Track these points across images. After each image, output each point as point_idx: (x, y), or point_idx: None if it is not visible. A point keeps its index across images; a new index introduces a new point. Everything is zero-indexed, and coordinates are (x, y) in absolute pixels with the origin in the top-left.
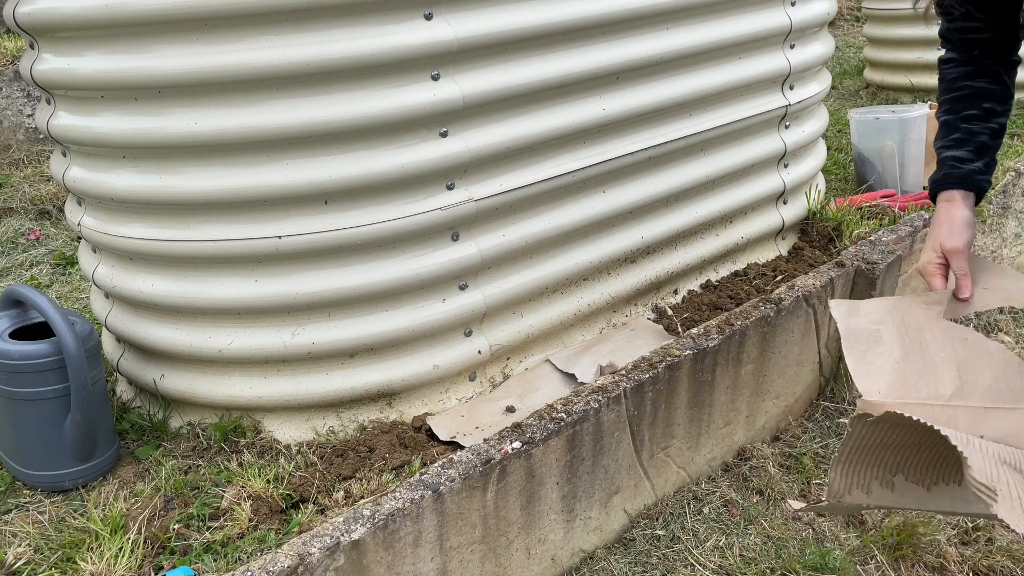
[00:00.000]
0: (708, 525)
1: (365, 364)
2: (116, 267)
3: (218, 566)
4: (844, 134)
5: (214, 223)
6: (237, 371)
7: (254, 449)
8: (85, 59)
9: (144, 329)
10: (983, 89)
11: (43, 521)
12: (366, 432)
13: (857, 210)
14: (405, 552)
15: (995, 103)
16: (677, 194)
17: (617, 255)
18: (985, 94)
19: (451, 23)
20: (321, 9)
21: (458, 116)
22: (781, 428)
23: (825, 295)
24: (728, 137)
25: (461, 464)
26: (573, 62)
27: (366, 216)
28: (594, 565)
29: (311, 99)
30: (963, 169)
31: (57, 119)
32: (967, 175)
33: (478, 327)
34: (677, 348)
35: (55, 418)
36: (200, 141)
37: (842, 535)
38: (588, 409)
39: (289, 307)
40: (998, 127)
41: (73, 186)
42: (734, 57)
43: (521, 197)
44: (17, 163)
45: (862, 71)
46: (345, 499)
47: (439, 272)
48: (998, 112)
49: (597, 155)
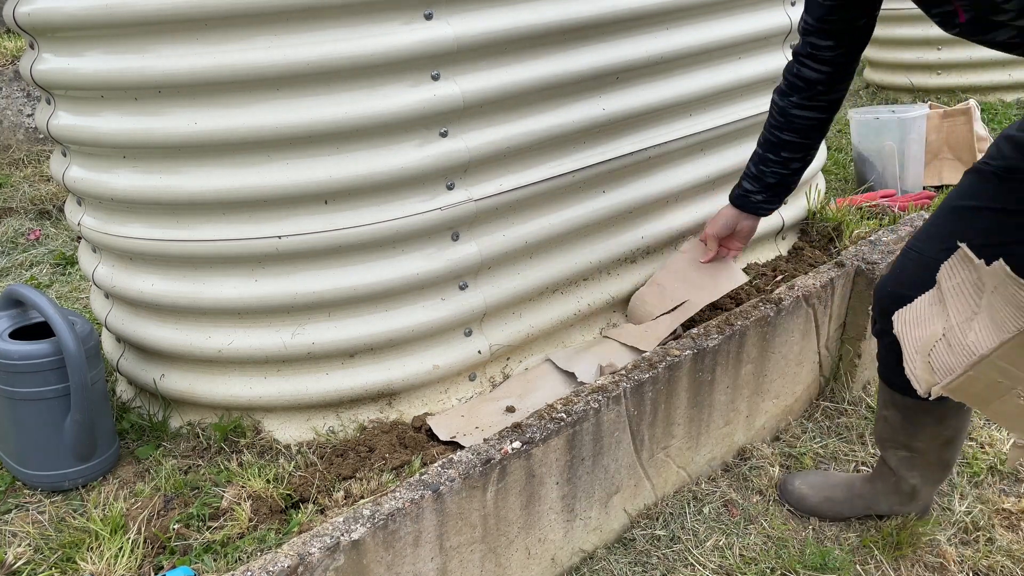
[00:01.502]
0: (708, 525)
1: (365, 364)
2: (116, 267)
3: (218, 566)
4: (844, 134)
5: (214, 223)
6: (237, 371)
7: (254, 449)
8: (85, 59)
9: (144, 329)
10: (787, 142)
11: (43, 521)
12: (366, 432)
13: (857, 210)
14: (405, 552)
15: (793, 152)
16: (677, 194)
17: (617, 255)
18: (787, 146)
19: (451, 23)
20: (321, 9)
21: (458, 116)
22: (781, 428)
23: (825, 295)
24: (728, 137)
25: (461, 464)
26: (573, 62)
27: (366, 216)
28: (594, 565)
29: (311, 99)
30: (748, 199)
31: (57, 119)
32: (749, 203)
33: (478, 327)
34: (677, 348)
35: (55, 418)
36: (200, 141)
37: (842, 535)
38: (588, 409)
39: (289, 307)
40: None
41: (73, 186)
42: (734, 57)
43: (521, 197)
44: (17, 163)
45: (862, 71)
46: (345, 499)
47: (439, 272)
48: (796, 159)
49: (597, 155)
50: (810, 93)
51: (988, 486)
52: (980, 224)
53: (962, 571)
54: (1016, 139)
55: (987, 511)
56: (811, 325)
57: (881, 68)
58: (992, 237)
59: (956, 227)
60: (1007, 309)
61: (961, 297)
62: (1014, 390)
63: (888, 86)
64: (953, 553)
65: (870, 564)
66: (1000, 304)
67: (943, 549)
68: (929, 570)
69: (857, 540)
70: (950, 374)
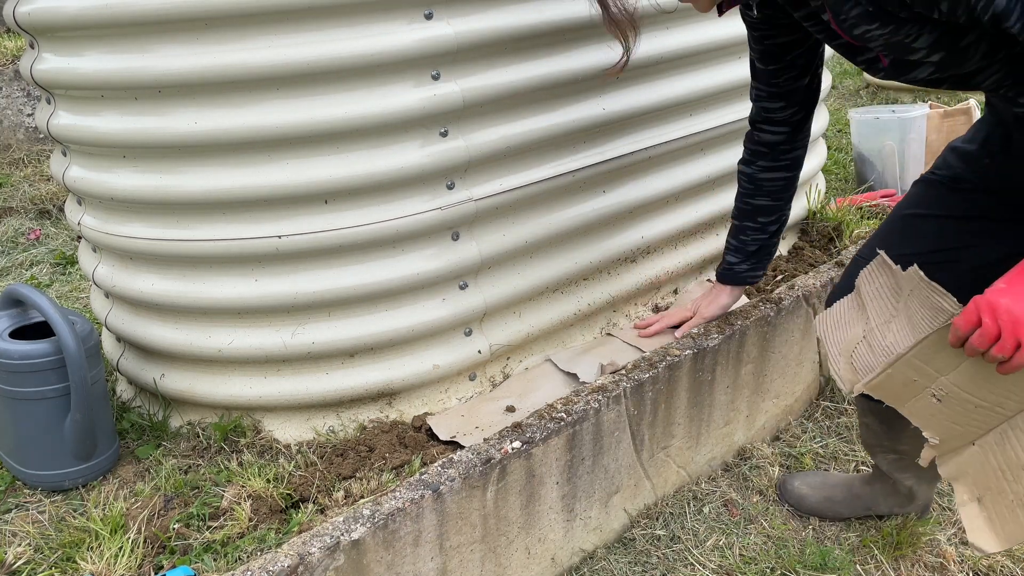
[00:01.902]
0: (708, 525)
1: (365, 364)
2: (116, 267)
3: (218, 566)
4: (844, 134)
5: (214, 223)
6: (237, 371)
7: (254, 449)
8: (85, 59)
9: (144, 329)
10: (761, 206)
11: (43, 521)
12: (366, 432)
13: (857, 210)
14: (405, 552)
15: (768, 216)
16: (677, 194)
17: (617, 255)
18: (761, 210)
19: (451, 23)
20: (321, 9)
21: (458, 116)
22: (781, 428)
23: (825, 295)
24: (728, 137)
25: (461, 464)
26: (573, 62)
27: (366, 216)
28: (594, 565)
29: (311, 99)
30: (733, 271)
31: (57, 119)
32: (736, 275)
33: (478, 327)
34: (677, 348)
35: (55, 418)
36: (200, 141)
37: (842, 535)
38: (588, 409)
39: (289, 307)
40: (771, 234)
41: (73, 186)
42: (734, 57)
43: (521, 197)
44: (17, 163)
45: (862, 71)
46: (345, 499)
47: (439, 272)
48: (772, 221)
49: (597, 155)
50: (773, 155)
51: None
52: (928, 231)
53: (962, 571)
54: (961, 150)
55: None
56: (811, 325)
57: None
58: (940, 243)
59: (905, 235)
60: (922, 311)
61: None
62: (928, 389)
63: (888, 86)
64: (953, 553)
65: (870, 564)
66: (916, 307)
67: (943, 549)
68: (929, 570)
69: (857, 540)
70: (870, 372)
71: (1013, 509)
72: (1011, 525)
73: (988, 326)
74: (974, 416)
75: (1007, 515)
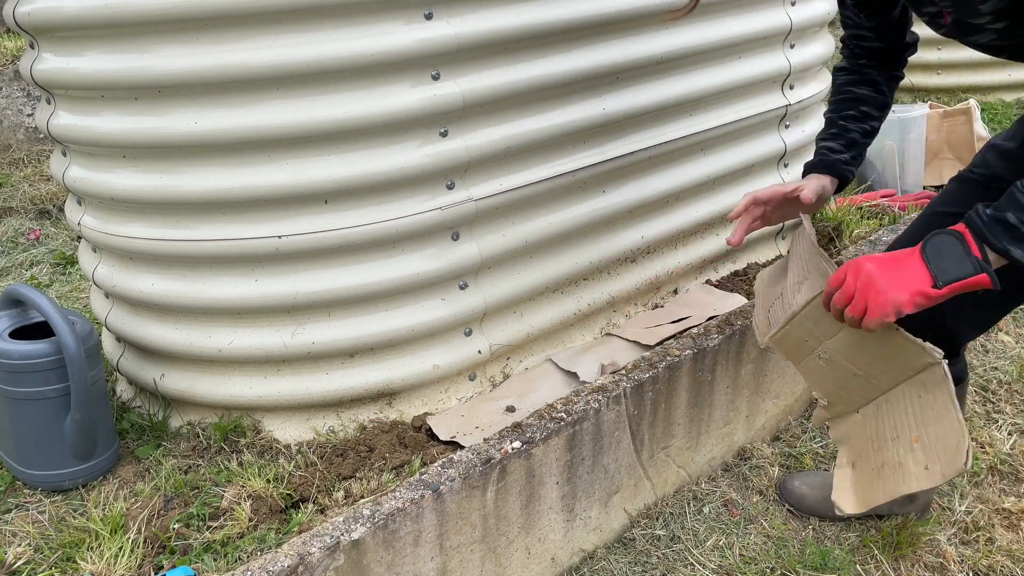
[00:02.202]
0: (708, 525)
1: (365, 364)
2: (116, 267)
3: (218, 566)
4: None
5: (214, 223)
6: (237, 371)
7: (254, 449)
8: (85, 59)
9: (144, 329)
10: (863, 95)
11: (43, 521)
12: (366, 432)
13: (857, 210)
14: (405, 552)
15: (871, 108)
16: (677, 194)
17: (617, 255)
18: (863, 99)
19: (451, 23)
20: (321, 9)
21: (458, 116)
22: (781, 428)
23: None
24: (728, 137)
25: (461, 464)
26: (573, 62)
27: (366, 216)
28: (594, 565)
29: (311, 99)
30: (831, 158)
31: (57, 119)
32: (834, 163)
33: (478, 327)
34: (677, 348)
35: (55, 418)
36: (200, 141)
37: (842, 535)
38: (588, 409)
39: (289, 307)
40: (870, 128)
41: (73, 186)
42: (734, 57)
43: (521, 197)
44: (17, 163)
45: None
46: (345, 499)
47: (439, 272)
48: (872, 116)
49: (597, 155)
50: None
51: (988, 486)
52: None
53: (962, 571)
54: (1001, 148)
55: (987, 511)
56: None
57: None
58: None
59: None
60: (816, 275)
61: (798, 262)
62: (816, 351)
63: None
64: (953, 553)
65: (870, 564)
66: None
67: (943, 549)
68: (929, 570)
69: (857, 540)
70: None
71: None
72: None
73: (848, 284)
74: (853, 384)
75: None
